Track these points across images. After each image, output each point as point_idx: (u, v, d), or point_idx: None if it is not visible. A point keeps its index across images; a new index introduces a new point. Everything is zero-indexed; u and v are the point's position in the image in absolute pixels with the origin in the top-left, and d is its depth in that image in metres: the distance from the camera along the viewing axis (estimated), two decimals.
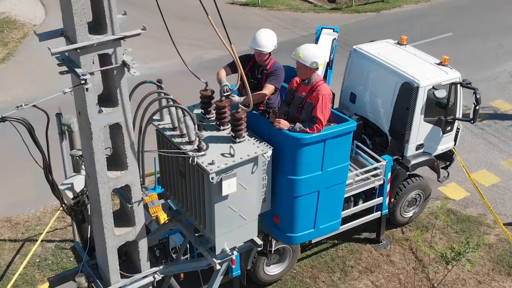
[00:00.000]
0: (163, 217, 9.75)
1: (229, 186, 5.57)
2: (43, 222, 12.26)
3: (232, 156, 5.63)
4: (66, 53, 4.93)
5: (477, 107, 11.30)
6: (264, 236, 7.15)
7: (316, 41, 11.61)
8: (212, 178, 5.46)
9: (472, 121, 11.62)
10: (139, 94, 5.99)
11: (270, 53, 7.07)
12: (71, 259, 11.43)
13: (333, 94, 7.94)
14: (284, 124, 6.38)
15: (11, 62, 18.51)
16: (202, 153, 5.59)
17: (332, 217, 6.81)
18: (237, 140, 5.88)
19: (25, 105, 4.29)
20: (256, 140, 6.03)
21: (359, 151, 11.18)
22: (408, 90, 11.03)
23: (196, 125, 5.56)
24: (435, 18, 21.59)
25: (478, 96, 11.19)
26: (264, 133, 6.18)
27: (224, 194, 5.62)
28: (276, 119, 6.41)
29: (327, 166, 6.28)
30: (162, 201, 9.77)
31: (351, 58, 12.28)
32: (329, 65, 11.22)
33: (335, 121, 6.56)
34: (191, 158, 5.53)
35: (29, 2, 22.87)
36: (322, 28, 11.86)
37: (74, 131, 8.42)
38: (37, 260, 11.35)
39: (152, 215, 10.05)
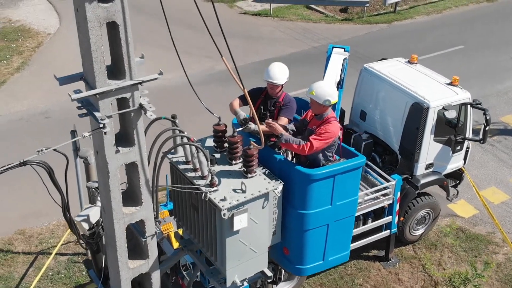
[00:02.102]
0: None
1: (240, 222, 5.71)
2: (56, 235, 12.45)
3: (244, 192, 5.77)
4: None
5: (486, 128, 11.35)
6: (274, 266, 7.28)
7: (327, 60, 11.69)
8: (224, 214, 5.61)
9: (481, 142, 11.66)
10: (154, 129, 6.15)
11: (282, 85, 7.21)
12: (83, 273, 11.61)
13: (343, 127, 8.03)
14: (276, 128, 6.44)
15: (26, 72, 18.73)
16: (215, 188, 5.74)
17: (341, 248, 6.94)
18: (249, 175, 6.02)
19: (45, 149, 4.43)
20: (267, 174, 6.16)
21: (368, 169, 11.27)
22: (418, 111, 11.09)
23: (209, 161, 5.69)
24: (447, 29, 21.61)
25: (488, 117, 11.24)
26: (275, 167, 6.31)
27: (235, 229, 5.76)
28: (272, 121, 6.50)
29: (337, 200, 6.40)
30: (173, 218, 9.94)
31: (362, 77, 12.37)
32: (339, 84, 11.31)
33: (344, 156, 6.68)
34: (203, 194, 5.68)
35: (44, 10, 23.14)
36: (333, 47, 11.96)
37: (91, 163, 8.59)
38: (50, 273, 11.53)
39: (164, 232, 10.21)
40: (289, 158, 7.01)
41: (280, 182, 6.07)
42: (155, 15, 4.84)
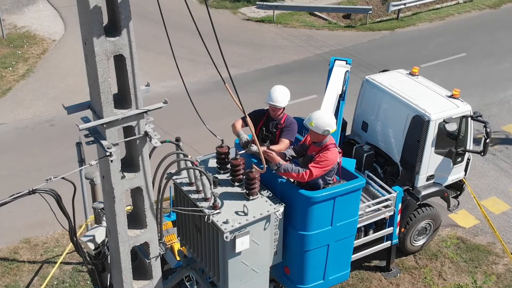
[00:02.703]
0: (177, 246, 10.03)
1: (242, 244, 5.85)
2: (61, 244, 12.61)
3: (246, 214, 5.91)
4: None
5: (487, 140, 11.46)
6: (275, 284, 7.42)
7: (329, 72, 11.78)
8: (226, 237, 5.75)
9: (482, 154, 11.75)
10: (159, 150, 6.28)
11: (284, 108, 7.35)
12: (88, 282, 11.77)
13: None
14: (274, 157, 6.58)
15: (31, 79, 18.90)
16: (217, 211, 5.88)
17: (341, 268, 7.07)
18: (251, 197, 6.15)
19: (54, 177, 4.57)
20: (268, 196, 6.30)
21: (370, 181, 11.38)
22: (419, 123, 11.20)
23: (212, 185, 5.83)
24: (449, 37, 21.70)
25: (488, 130, 11.34)
26: (276, 189, 6.45)
27: (237, 250, 5.90)
28: (269, 151, 6.64)
29: (337, 221, 6.54)
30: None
31: (363, 88, 12.48)
32: (341, 97, 11.42)
33: (344, 177, 6.81)
34: (207, 216, 5.82)
35: (49, 16, 23.31)
36: (335, 59, 12.05)
37: (97, 184, 8.74)
38: (55, 282, 11.68)
39: (167, 244, 10.34)
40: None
41: (282, 204, 6.21)
42: (160, 22, 4.95)
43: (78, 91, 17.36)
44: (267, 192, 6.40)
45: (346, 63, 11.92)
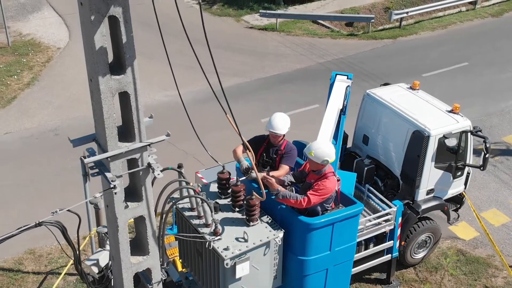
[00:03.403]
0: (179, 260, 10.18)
1: (242, 270, 6.00)
2: (65, 255, 12.76)
3: (246, 241, 6.06)
4: None
5: (486, 155, 11.56)
6: None
7: (330, 87, 11.89)
8: (227, 264, 5.90)
9: (482, 168, 11.85)
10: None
11: (284, 134, 7.50)
12: None
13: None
14: (272, 184, 6.71)
15: (36, 87, 19.07)
16: (218, 237, 6.03)
17: None
18: (251, 223, 6.31)
19: (60, 210, 4.73)
20: (268, 221, 6.45)
21: (370, 194, 11.51)
22: (419, 138, 11.31)
23: (213, 212, 5.98)
24: (451, 46, 21.79)
25: (488, 145, 11.43)
26: (276, 214, 6.59)
27: (237, 276, 6.05)
28: (268, 177, 6.77)
29: (335, 246, 6.68)
30: None
31: (365, 102, 12.60)
32: (342, 111, 11.55)
33: (342, 202, 6.95)
34: (207, 243, 5.97)
35: (53, 23, 23.50)
36: (336, 74, 12.16)
37: (101, 208, 8.89)
38: None
39: (170, 257, 10.48)
40: None
41: (281, 230, 6.35)
42: (164, 30, 5.03)
43: (82, 100, 17.52)
44: (267, 217, 6.55)
45: (347, 78, 12.02)
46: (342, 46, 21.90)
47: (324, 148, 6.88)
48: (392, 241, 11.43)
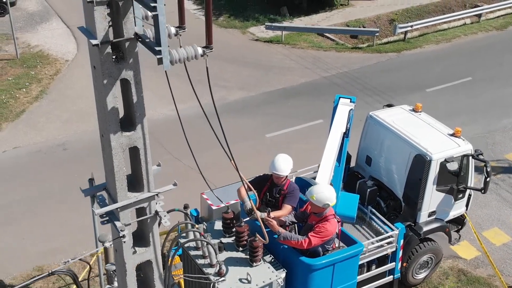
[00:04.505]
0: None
1: None
2: None
3: (249, 282, 6.29)
4: None
5: (487, 179, 11.73)
6: None
7: (334, 110, 12.06)
8: None
9: (483, 192, 12.02)
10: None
11: (286, 175, 7.73)
12: None
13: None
14: (273, 226, 6.95)
15: (44, 101, 19.29)
16: (222, 278, 6.26)
17: None
18: (254, 264, 6.53)
19: (72, 260, 4.97)
20: (271, 261, 6.67)
21: (373, 216, 11.70)
22: (420, 162, 11.48)
23: (217, 253, 6.21)
24: (455, 60, 21.91)
25: (488, 169, 11.59)
26: (279, 254, 6.81)
27: None
28: (270, 219, 7.00)
29: (336, 285, 6.89)
30: None
31: (367, 124, 12.77)
32: (345, 134, 11.74)
33: (344, 242, 7.16)
34: (212, 284, 6.20)
35: (61, 35, 23.75)
36: (340, 97, 12.34)
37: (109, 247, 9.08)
38: None
39: (175, 278, 10.71)
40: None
41: (283, 270, 6.57)
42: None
43: (90, 114, 17.73)
44: (270, 256, 6.77)
45: (351, 101, 12.21)
46: (346, 60, 22.07)
47: (325, 192, 7.08)
48: (394, 263, 11.61)
